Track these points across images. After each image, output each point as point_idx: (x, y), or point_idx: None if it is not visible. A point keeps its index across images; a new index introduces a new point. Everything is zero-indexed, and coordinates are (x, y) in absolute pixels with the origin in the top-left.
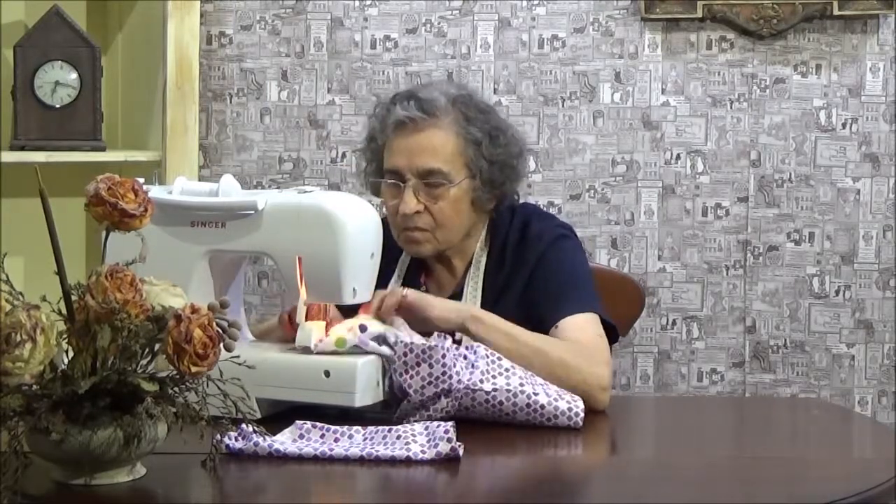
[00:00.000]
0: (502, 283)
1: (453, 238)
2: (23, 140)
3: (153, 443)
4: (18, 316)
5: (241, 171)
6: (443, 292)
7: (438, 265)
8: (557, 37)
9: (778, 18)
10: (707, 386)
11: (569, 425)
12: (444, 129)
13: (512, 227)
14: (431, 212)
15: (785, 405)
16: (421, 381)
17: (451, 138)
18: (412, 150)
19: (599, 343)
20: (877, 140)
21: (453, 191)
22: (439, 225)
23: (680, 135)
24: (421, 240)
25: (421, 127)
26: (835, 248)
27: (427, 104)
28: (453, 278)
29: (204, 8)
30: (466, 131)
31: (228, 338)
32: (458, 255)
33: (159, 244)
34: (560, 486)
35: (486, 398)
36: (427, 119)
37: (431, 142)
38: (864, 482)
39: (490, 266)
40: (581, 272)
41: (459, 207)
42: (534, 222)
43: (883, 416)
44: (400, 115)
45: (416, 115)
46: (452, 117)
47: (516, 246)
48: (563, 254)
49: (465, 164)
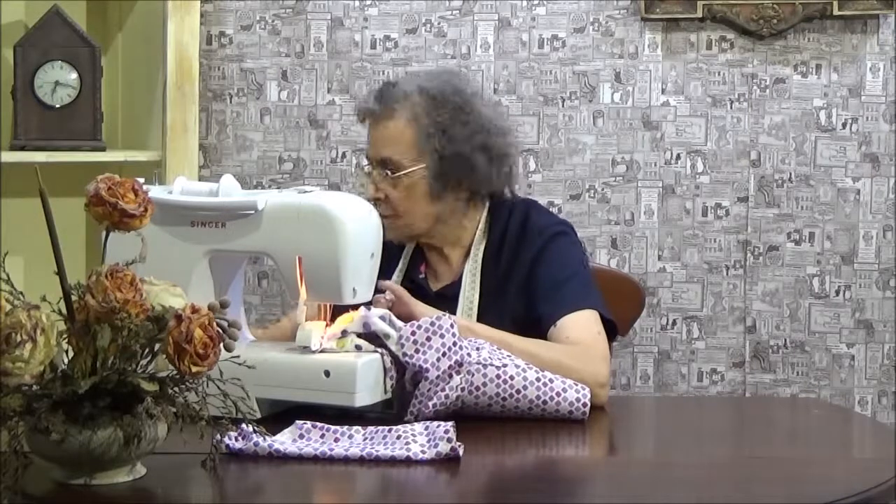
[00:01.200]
0: (501, 274)
1: (417, 225)
2: (23, 140)
3: (153, 443)
4: (18, 316)
5: (241, 171)
6: (441, 283)
7: (435, 256)
8: (557, 37)
9: (778, 18)
10: (707, 386)
11: (576, 406)
12: (397, 120)
13: (512, 220)
14: (390, 199)
15: (785, 405)
16: (436, 354)
17: (405, 128)
18: (374, 139)
19: (598, 340)
20: (877, 140)
21: (405, 179)
22: (397, 213)
23: (680, 135)
24: (388, 226)
25: (380, 117)
26: (835, 248)
27: (386, 96)
28: (450, 269)
29: (204, 8)
30: (421, 122)
31: (228, 338)
32: (454, 245)
33: (159, 244)
34: (560, 486)
35: (498, 373)
36: (383, 110)
37: (387, 131)
38: (864, 482)
39: (488, 257)
40: (579, 269)
41: (413, 195)
42: (533, 217)
43: (883, 416)
44: (361, 107)
45: (373, 106)
46: (410, 109)
47: (515, 239)
48: (562, 250)
49: (417, 154)
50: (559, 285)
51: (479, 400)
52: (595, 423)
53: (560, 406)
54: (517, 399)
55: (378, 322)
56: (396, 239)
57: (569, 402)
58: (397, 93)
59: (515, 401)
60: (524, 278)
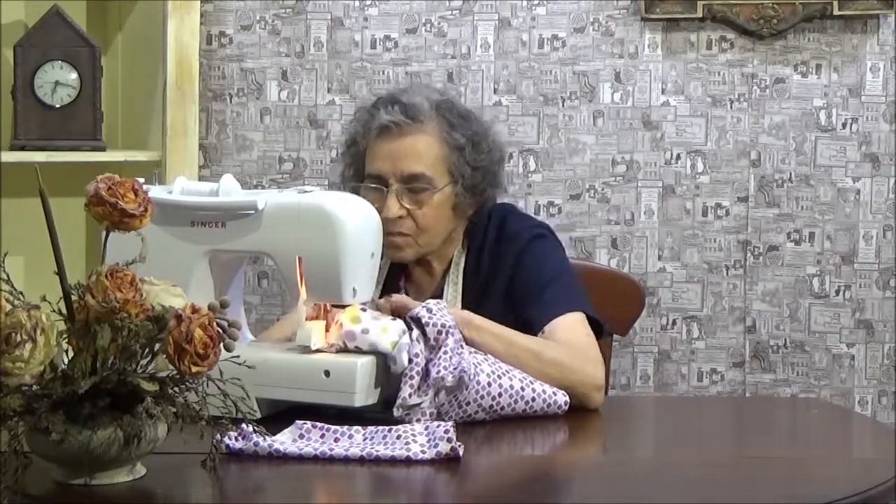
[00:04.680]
0: (482, 283)
1: (434, 242)
2: (23, 140)
3: (153, 443)
4: (18, 316)
5: (241, 171)
6: (422, 295)
7: (418, 268)
8: (557, 37)
9: (778, 18)
10: (707, 386)
11: (556, 398)
12: (428, 135)
13: (489, 227)
14: (414, 217)
15: (785, 405)
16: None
17: (434, 144)
18: (396, 154)
19: (590, 342)
20: (877, 140)
21: (437, 196)
22: (422, 230)
23: (680, 135)
24: (402, 245)
25: (405, 132)
26: (835, 248)
27: (411, 109)
28: (433, 280)
29: (204, 8)
30: (450, 137)
31: (228, 338)
32: (438, 258)
33: (159, 244)
34: (559, 486)
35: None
36: (411, 124)
37: (415, 147)
38: (864, 482)
39: (469, 267)
40: (561, 270)
41: (442, 213)
42: (510, 222)
43: (883, 416)
44: (384, 120)
45: (400, 119)
46: (436, 123)
47: (493, 246)
48: (542, 254)
49: (447, 169)
50: (542, 289)
51: (470, 402)
52: (595, 423)
53: (538, 398)
54: (507, 390)
55: (361, 337)
56: (405, 259)
57: (546, 394)
58: (420, 107)
59: (505, 407)
60: (506, 284)
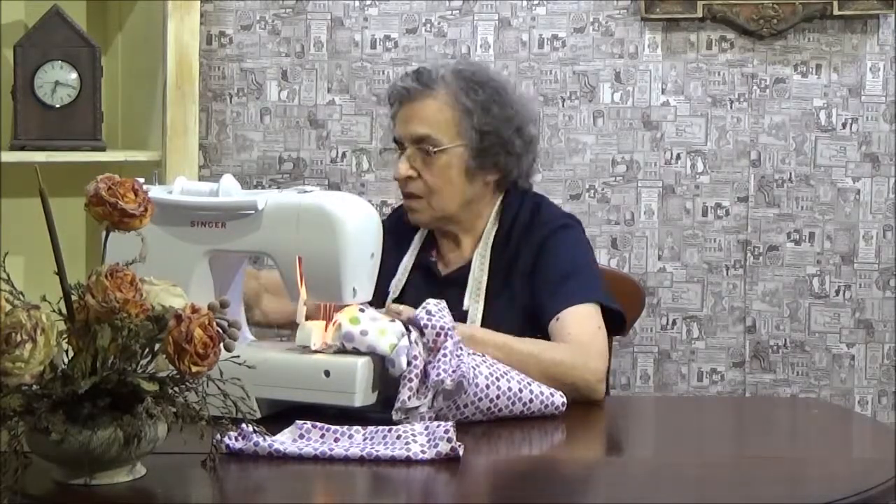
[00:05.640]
0: (509, 259)
1: (447, 206)
2: (23, 140)
3: (153, 443)
4: (18, 316)
5: (241, 171)
6: (449, 268)
7: (447, 241)
8: (557, 37)
9: (778, 18)
10: (707, 386)
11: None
12: (437, 99)
13: (522, 209)
14: (424, 178)
15: (785, 405)
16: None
17: (444, 107)
18: (408, 118)
19: (596, 336)
20: (877, 140)
21: (443, 157)
22: (431, 191)
23: (680, 135)
24: (417, 208)
25: (415, 97)
26: (835, 248)
27: (424, 75)
28: (461, 255)
29: (204, 8)
30: (460, 101)
31: (228, 338)
32: (467, 232)
33: (159, 244)
34: (560, 486)
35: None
36: (422, 90)
37: (424, 110)
38: (864, 482)
39: (498, 242)
40: (583, 262)
41: (450, 174)
42: (543, 208)
43: (883, 416)
44: (398, 87)
45: (411, 85)
46: (450, 88)
47: (524, 227)
48: (566, 242)
49: (457, 132)
50: (562, 278)
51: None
52: (595, 423)
53: (535, 399)
54: (501, 409)
55: (360, 339)
56: (421, 221)
57: (544, 395)
58: (434, 74)
59: (499, 410)
60: (529, 266)
